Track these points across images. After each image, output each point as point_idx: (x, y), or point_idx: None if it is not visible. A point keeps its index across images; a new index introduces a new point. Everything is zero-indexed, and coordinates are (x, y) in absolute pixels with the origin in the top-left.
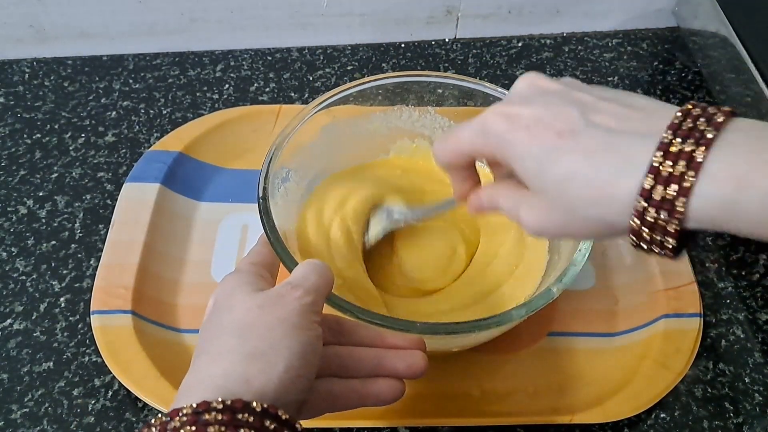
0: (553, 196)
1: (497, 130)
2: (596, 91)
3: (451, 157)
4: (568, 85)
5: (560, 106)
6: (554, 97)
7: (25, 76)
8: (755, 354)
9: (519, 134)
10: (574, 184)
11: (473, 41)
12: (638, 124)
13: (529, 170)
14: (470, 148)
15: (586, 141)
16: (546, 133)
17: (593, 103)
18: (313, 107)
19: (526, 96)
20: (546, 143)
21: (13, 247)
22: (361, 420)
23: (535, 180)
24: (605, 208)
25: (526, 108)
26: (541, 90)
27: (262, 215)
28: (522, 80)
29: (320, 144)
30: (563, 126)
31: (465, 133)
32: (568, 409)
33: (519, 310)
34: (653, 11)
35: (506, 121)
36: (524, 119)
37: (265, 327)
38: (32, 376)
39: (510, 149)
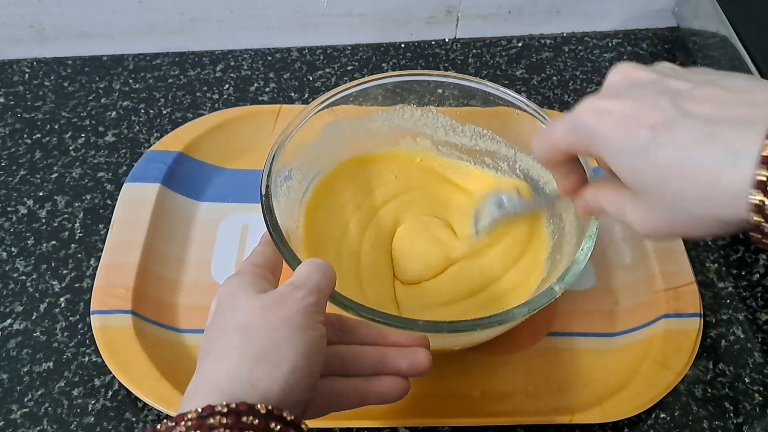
0: (654, 194)
1: (588, 126)
2: (692, 75)
3: (548, 154)
4: (661, 72)
5: (652, 98)
6: (646, 89)
7: (25, 76)
8: (755, 354)
9: (610, 130)
10: (674, 180)
11: (473, 41)
12: (740, 110)
13: (625, 168)
14: (565, 145)
15: (682, 133)
16: (638, 128)
17: (688, 90)
18: (315, 106)
19: (618, 89)
20: (639, 138)
21: (13, 247)
22: (362, 420)
23: (632, 178)
24: (714, 204)
25: (617, 102)
26: (633, 81)
27: (265, 213)
28: (615, 71)
29: (322, 142)
30: (656, 119)
31: (558, 130)
32: (568, 409)
33: (521, 308)
34: (653, 11)
35: (596, 116)
36: (615, 114)
37: (269, 328)
38: (32, 376)
39: (603, 146)
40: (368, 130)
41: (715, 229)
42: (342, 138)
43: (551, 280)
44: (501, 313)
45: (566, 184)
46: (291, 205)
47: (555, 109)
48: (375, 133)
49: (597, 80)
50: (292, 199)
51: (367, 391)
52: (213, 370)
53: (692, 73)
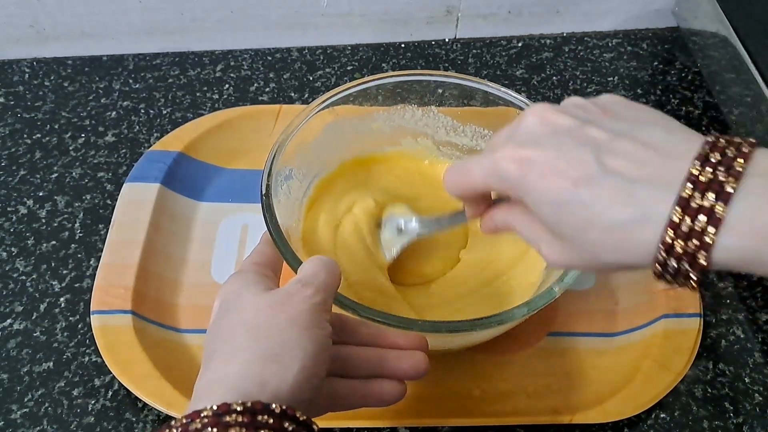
0: (573, 242)
1: (510, 175)
2: (608, 120)
3: (463, 192)
4: (578, 117)
5: (574, 150)
6: (566, 138)
7: (25, 76)
8: (755, 354)
9: (534, 181)
10: (592, 233)
11: (473, 41)
12: (655, 170)
13: (547, 216)
14: (483, 187)
15: (603, 190)
16: (561, 181)
17: (607, 142)
18: (316, 106)
19: (537, 135)
20: (562, 192)
21: (13, 247)
22: (361, 420)
23: (553, 226)
24: (625, 257)
25: (539, 151)
26: (552, 128)
27: (265, 212)
28: (530, 115)
29: (323, 142)
30: (579, 173)
31: (477, 172)
32: (568, 409)
33: (521, 308)
34: (653, 11)
35: (519, 165)
36: (538, 165)
37: (278, 327)
38: (32, 376)
39: (525, 195)
40: (369, 130)
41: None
42: (343, 138)
43: (551, 281)
44: (500, 314)
45: (475, 211)
46: (291, 205)
47: None
48: (376, 133)
49: (597, 80)
50: (293, 199)
51: (365, 393)
52: (223, 370)
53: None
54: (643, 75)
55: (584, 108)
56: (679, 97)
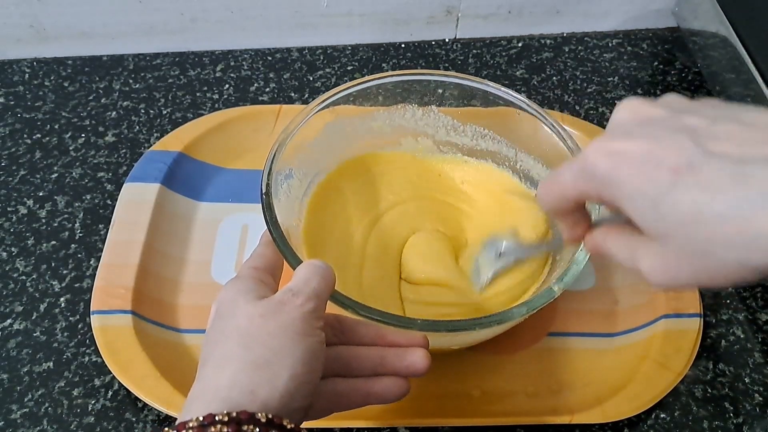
0: (678, 241)
1: (601, 171)
2: (706, 109)
3: (556, 203)
4: (673, 107)
5: (669, 137)
6: (660, 127)
7: (25, 76)
8: (755, 354)
9: (626, 173)
10: (701, 225)
11: (473, 41)
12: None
13: (644, 213)
14: (574, 193)
15: (709, 174)
16: (659, 170)
17: (706, 127)
18: (316, 105)
19: (628, 128)
20: (660, 182)
21: (13, 247)
22: (361, 420)
23: (652, 224)
24: (747, 249)
25: (631, 142)
26: (644, 119)
27: (265, 211)
28: (621, 109)
29: (323, 142)
30: (678, 160)
31: (566, 176)
32: (567, 410)
33: (520, 308)
34: (653, 11)
35: (609, 159)
36: (630, 155)
37: (268, 335)
38: (32, 376)
39: (618, 192)
40: (369, 129)
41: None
42: (343, 137)
43: (551, 281)
44: (500, 313)
45: (573, 233)
46: (291, 204)
47: (555, 109)
48: (376, 133)
49: (597, 80)
50: (293, 198)
51: (368, 391)
52: (213, 378)
53: (705, 107)
54: (644, 75)
55: (680, 101)
56: None
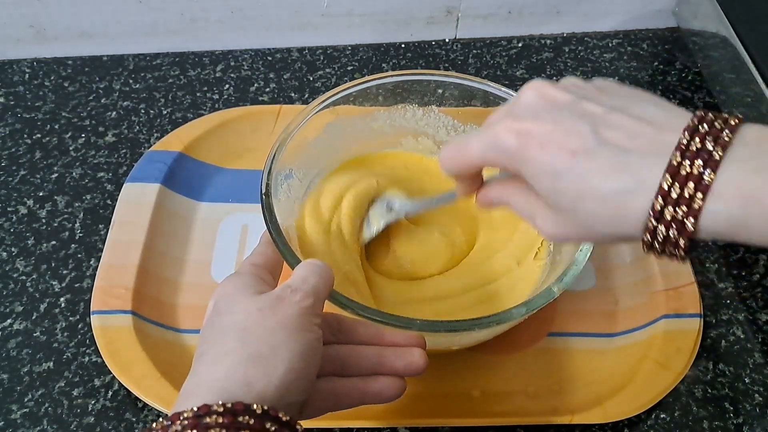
0: (568, 213)
1: (510, 147)
2: (604, 97)
3: (460, 168)
4: (575, 92)
5: (571, 122)
6: (564, 112)
7: (25, 76)
8: (755, 354)
9: (533, 152)
10: (588, 203)
11: (473, 41)
12: (648, 142)
13: (545, 187)
14: (480, 161)
15: (599, 160)
16: (560, 152)
17: (603, 116)
18: (317, 105)
19: (535, 109)
20: (560, 162)
21: (13, 247)
22: (361, 420)
23: (550, 196)
24: (618, 226)
25: (537, 123)
26: (549, 102)
27: (265, 211)
28: (529, 90)
29: (323, 142)
30: (576, 144)
31: (474, 146)
32: (568, 409)
33: (519, 308)
34: (653, 11)
35: (518, 137)
36: (537, 136)
37: (266, 330)
38: (32, 376)
39: (523, 166)
40: (370, 129)
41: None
42: (343, 138)
43: (550, 281)
44: (499, 313)
45: (468, 189)
46: (291, 205)
47: None
48: (376, 133)
49: None
50: (293, 198)
51: (365, 390)
52: (209, 372)
53: (604, 94)
54: (644, 75)
55: (580, 86)
56: (679, 98)
